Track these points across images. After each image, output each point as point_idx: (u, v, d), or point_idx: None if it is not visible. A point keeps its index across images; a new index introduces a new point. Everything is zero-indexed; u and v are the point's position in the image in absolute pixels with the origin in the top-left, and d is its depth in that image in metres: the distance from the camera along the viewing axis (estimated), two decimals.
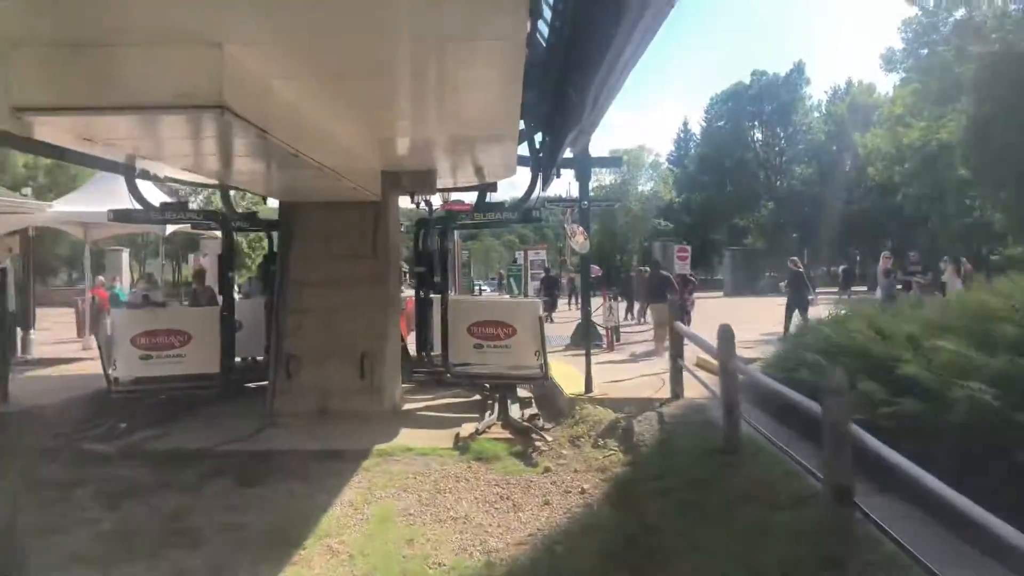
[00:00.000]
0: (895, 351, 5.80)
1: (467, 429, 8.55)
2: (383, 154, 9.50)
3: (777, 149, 57.00)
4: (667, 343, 15.49)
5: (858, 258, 58.94)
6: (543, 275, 25.73)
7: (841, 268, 39.46)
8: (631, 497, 6.03)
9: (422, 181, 10.27)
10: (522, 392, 11.03)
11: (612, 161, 15.56)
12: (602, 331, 14.81)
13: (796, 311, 14.99)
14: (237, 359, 11.03)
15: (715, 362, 10.81)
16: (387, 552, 5.33)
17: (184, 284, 17.33)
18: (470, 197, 13.15)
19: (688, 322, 15.92)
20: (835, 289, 41.58)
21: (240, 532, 5.81)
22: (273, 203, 11.10)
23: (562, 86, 9.72)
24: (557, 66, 8.99)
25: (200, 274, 11.76)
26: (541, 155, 11.80)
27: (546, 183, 13.31)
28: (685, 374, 8.78)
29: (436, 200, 16.87)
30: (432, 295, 11.74)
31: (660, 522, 5.30)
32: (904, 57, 34.69)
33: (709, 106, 59.66)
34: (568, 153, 14.29)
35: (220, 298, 9.99)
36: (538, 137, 11.84)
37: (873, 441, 3.94)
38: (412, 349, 12.20)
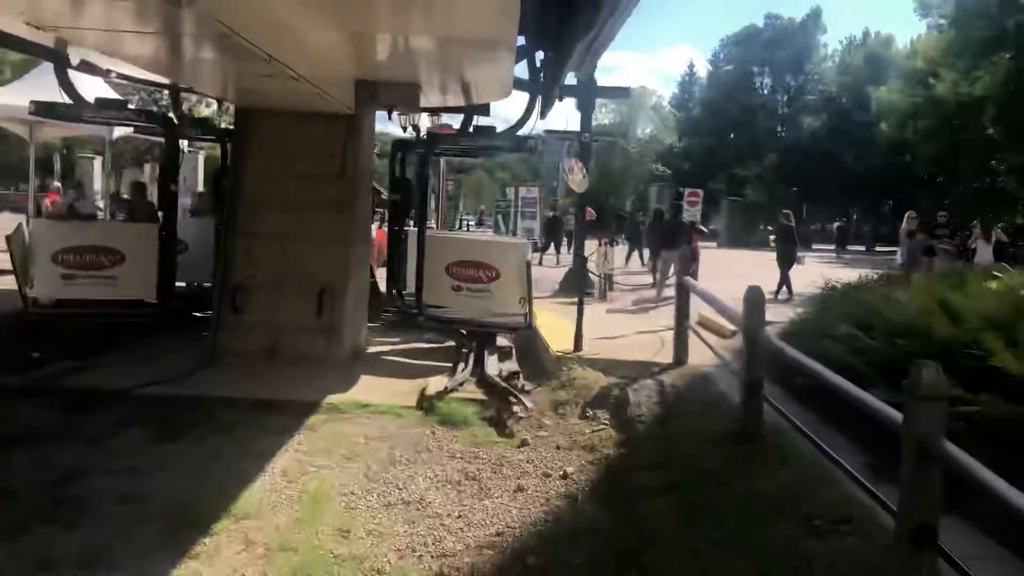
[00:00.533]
0: (966, 334, 4.71)
1: (435, 384, 7.45)
2: (358, 58, 8.12)
3: (786, 98, 55.11)
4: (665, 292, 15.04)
5: (855, 217, 57.89)
6: (549, 215, 24.38)
7: (835, 226, 38.43)
8: (624, 490, 4.96)
9: (404, 96, 8.91)
10: (502, 341, 9.99)
11: (619, 91, 14.03)
12: (594, 278, 13.67)
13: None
14: (181, 285, 9.85)
15: (721, 322, 9.79)
16: (314, 547, 4.25)
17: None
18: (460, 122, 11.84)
19: (695, 275, 14.94)
20: (831, 247, 40.83)
21: (139, 505, 4.70)
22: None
23: None
24: None
25: (139, 186, 10.43)
26: (542, 76, 10.43)
27: (545, 109, 11.92)
28: (690, 337, 7.70)
29: (426, 124, 15.50)
30: (409, 228, 10.55)
31: (662, 531, 4.24)
32: (942, 2, 32.35)
33: (718, 49, 57.43)
34: (571, 80, 12.95)
35: (161, 215, 8.73)
36: (539, 56, 10.45)
37: (979, 468, 2.83)
38: (384, 286, 11.07)
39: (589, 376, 7.33)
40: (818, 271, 14.95)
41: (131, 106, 8.76)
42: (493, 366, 8.28)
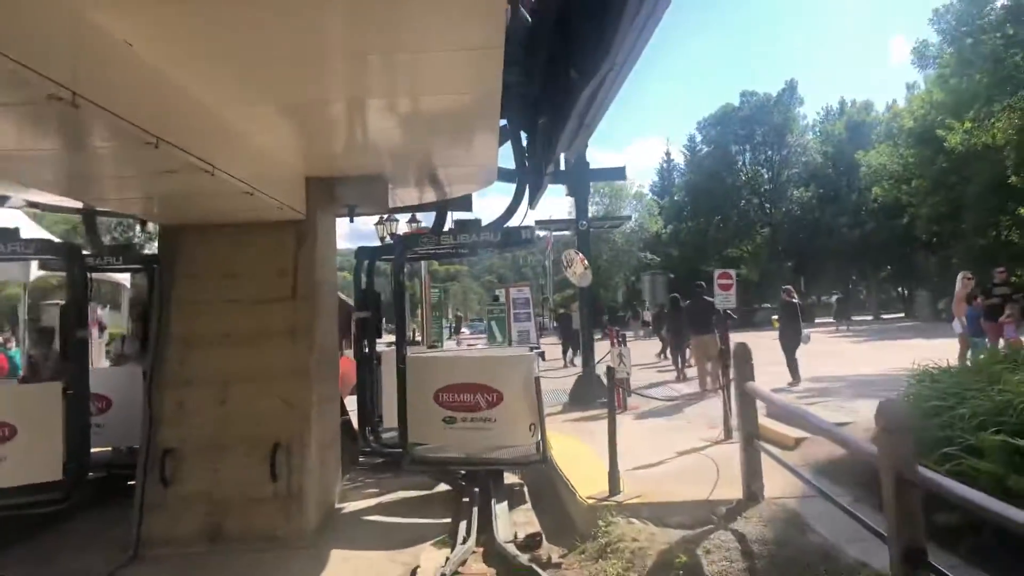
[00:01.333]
0: None
1: (429, 562, 5.62)
2: (308, 151, 6.71)
3: (770, 173, 55.00)
4: (711, 383, 12.73)
5: (850, 286, 56.83)
6: (561, 312, 23.33)
7: (834, 298, 37.13)
8: None
9: (367, 193, 7.45)
10: (509, 477, 8.25)
11: (614, 172, 12.79)
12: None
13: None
14: (106, 450, 8.07)
15: (779, 430, 8.03)
16: None
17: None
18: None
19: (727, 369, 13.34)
20: (830, 320, 39.18)
21: None
22: None
23: (554, 64, 7.13)
24: (547, 35, 6.47)
25: (43, 333, 8.72)
26: (527, 160, 9.06)
27: (534, 198, 10.55)
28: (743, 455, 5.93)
29: (403, 229, 14.13)
30: (383, 348, 8.90)
31: None
32: (939, 50, 31.86)
33: (697, 130, 57.72)
34: (559, 166, 11.62)
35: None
36: (523, 137, 9.12)
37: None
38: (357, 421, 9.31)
39: (638, 533, 5.48)
40: (831, 348, 13.52)
41: (25, 235, 7.14)
42: (505, 524, 6.44)
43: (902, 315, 46.29)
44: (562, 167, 12.04)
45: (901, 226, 41.24)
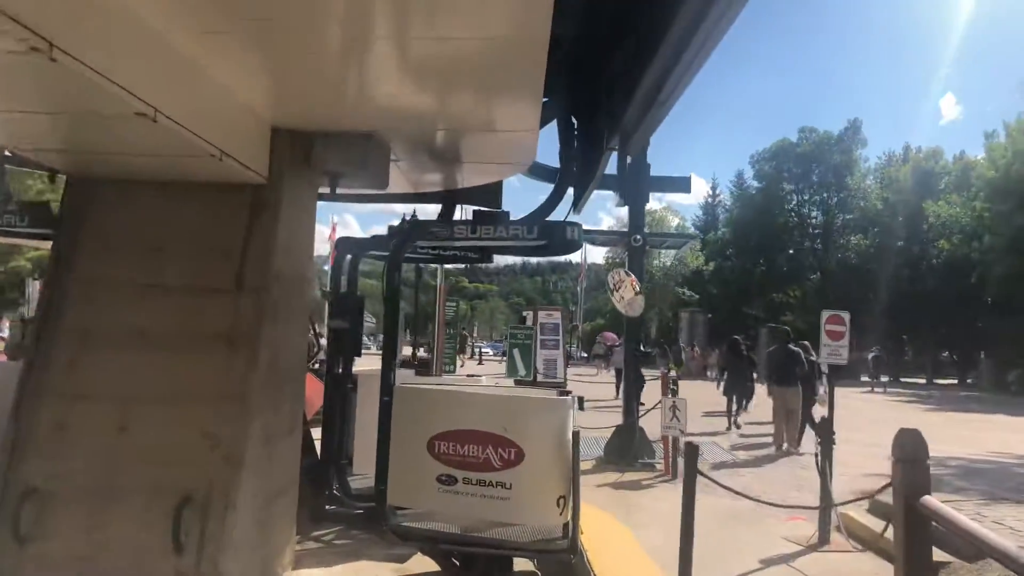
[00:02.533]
0: None
1: None
2: (278, 92, 4.82)
3: (824, 217, 52.39)
4: (787, 443, 11.27)
5: (904, 346, 53.70)
6: (614, 344, 20.75)
7: (871, 355, 34.40)
8: None
9: (358, 158, 5.47)
10: (520, 563, 6.26)
11: (679, 182, 10.60)
12: (657, 443, 9.87)
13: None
14: None
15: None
16: None
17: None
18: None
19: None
20: (866, 379, 36.11)
21: None
22: None
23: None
24: None
25: None
26: (576, 142, 7.05)
27: (580, 199, 8.50)
28: None
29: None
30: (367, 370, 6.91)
31: None
32: None
33: (749, 164, 55.42)
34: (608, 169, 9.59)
35: None
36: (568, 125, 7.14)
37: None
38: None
39: None
40: (895, 416, 11.64)
41: None
42: None
43: (955, 382, 43.23)
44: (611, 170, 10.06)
45: (968, 286, 38.53)
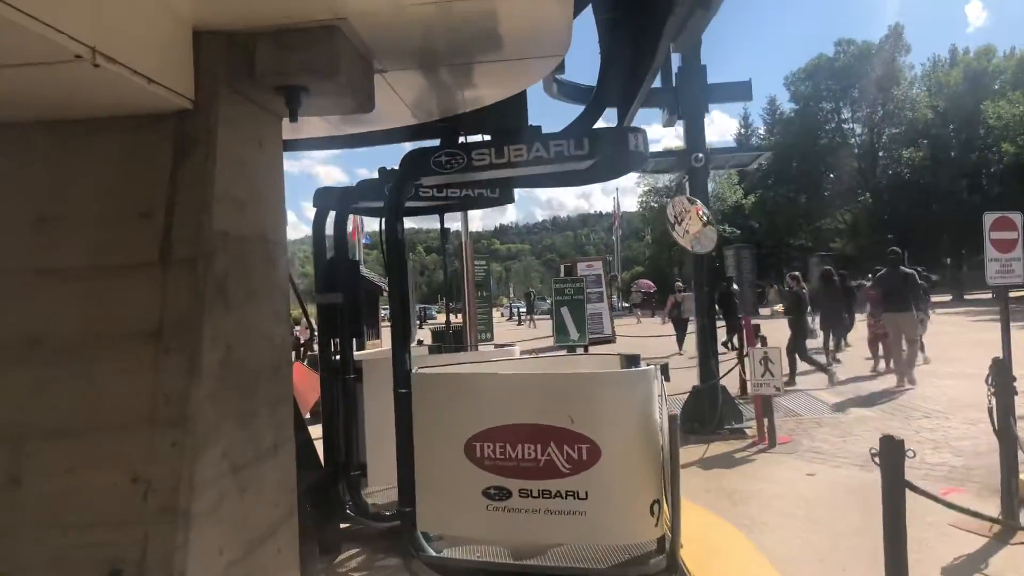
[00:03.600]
0: None
1: None
2: None
3: (870, 134, 49.49)
4: (906, 375, 10.30)
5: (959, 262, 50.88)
6: (724, 286, 17.22)
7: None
8: None
9: (318, 58, 3.87)
10: None
11: (738, 89, 8.69)
12: (744, 403, 8.32)
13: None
14: None
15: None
16: None
17: None
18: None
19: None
20: (946, 298, 33.69)
21: None
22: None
23: None
24: None
25: None
26: (615, 44, 5.33)
27: (625, 115, 6.72)
28: None
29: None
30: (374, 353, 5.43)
31: None
32: None
33: (784, 86, 52.50)
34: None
35: None
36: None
37: None
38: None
39: None
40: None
41: None
42: None
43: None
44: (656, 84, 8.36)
45: None
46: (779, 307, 21.42)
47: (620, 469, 4.13)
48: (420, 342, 6.14)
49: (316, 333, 5.34)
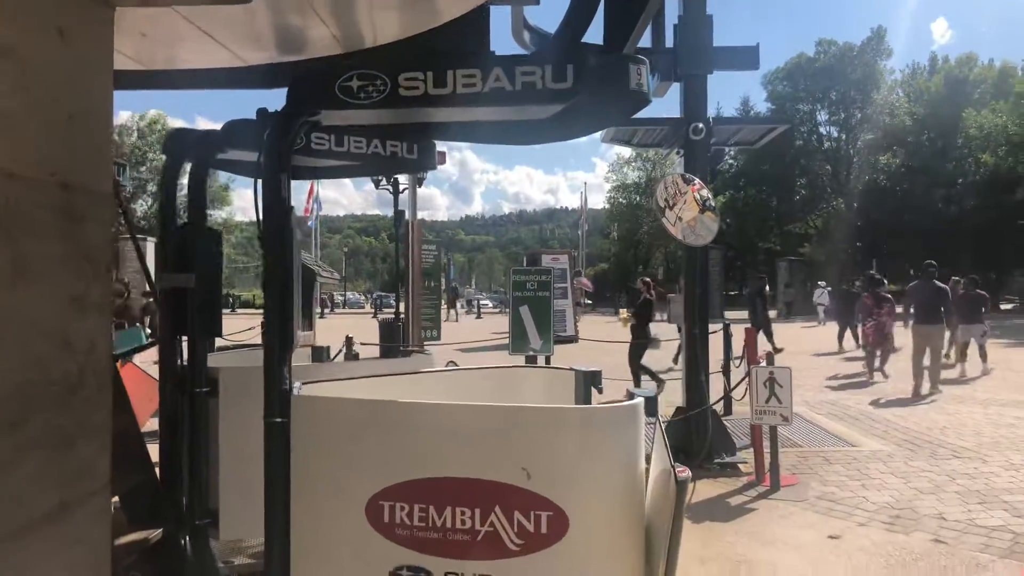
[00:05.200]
0: None
1: None
2: None
3: (844, 139, 48.93)
4: (927, 385, 10.46)
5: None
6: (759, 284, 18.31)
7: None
8: None
9: None
10: None
11: (746, 56, 7.40)
12: (741, 438, 7.06)
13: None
14: None
15: None
16: None
17: None
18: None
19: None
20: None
21: None
22: None
23: None
24: None
25: None
26: None
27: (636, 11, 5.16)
28: None
29: None
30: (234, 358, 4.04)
31: None
32: None
33: (763, 86, 51.70)
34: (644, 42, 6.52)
35: None
36: None
37: None
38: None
39: None
40: None
41: None
42: None
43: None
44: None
45: (1012, 203, 35.50)
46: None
47: (595, 546, 2.84)
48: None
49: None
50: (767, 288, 18.18)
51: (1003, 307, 33.98)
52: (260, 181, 3.00)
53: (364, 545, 2.83)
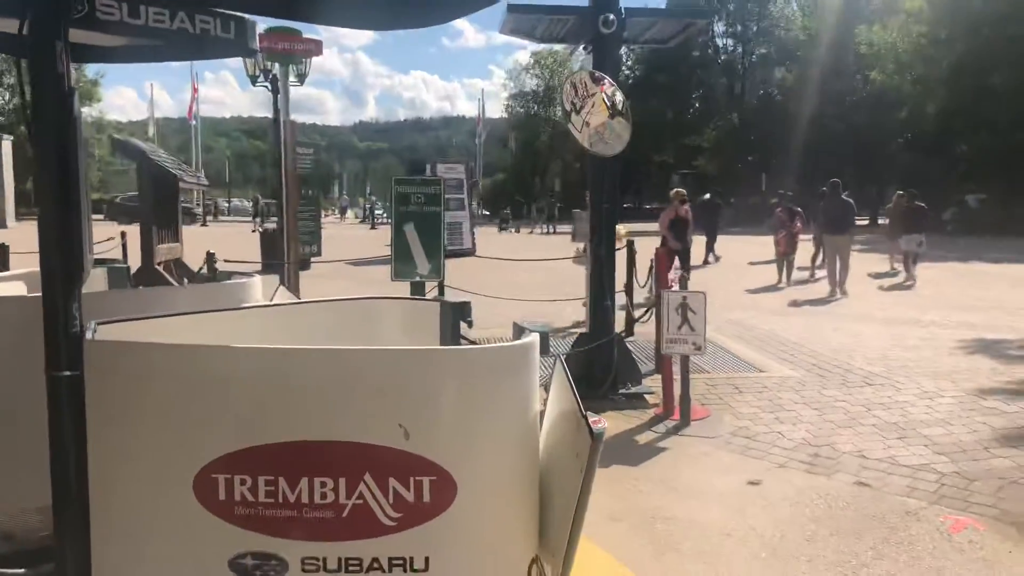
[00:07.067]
0: None
1: None
2: None
3: (740, 52, 49.11)
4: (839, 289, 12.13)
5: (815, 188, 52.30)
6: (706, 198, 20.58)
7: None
8: None
9: None
10: None
11: None
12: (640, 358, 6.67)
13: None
14: None
15: None
16: None
17: None
18: None
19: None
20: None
21: None
22: None
23: None
24: None
25: None
26: None
27: None
28: None
29: None
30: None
31: None
32: None
33: None
34: None
35: None
36: None
37: None
38: None
39: None
40: None
41: None
42: None
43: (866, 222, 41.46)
44: None
45: (895, 121, 36.59)
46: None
47: (488, 514, 2.33)
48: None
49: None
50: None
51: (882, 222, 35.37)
52: (28, 54, 2.21)
53: (193, 529, 2.20)
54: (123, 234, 9.52)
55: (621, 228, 9.40)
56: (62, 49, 2.22)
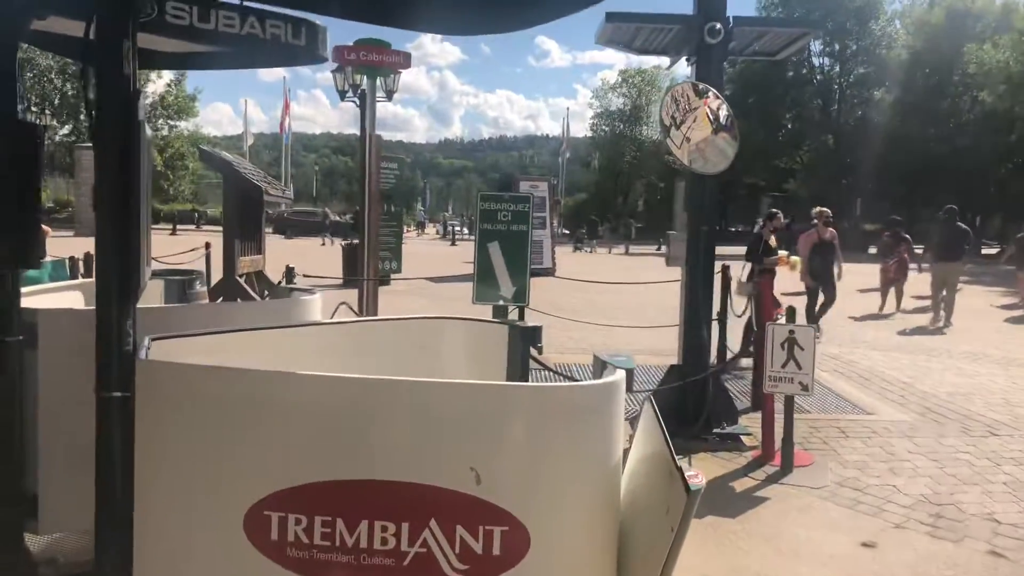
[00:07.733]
0: None
1: None
2: None
3: (838, 71, 47.54)
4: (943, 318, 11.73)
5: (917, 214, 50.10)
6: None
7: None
8: None
9: None
10: None
11: None
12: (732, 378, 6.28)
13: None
14: None
15: None
16: None
17: None
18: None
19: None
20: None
21: None
22: None
23: None
24: None
25: None
26: None
27: None
28: None
29: None
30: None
31: None
32: None
33: (758, 10, 49.84)
34: None
35: None
36: None
37: None
38: None
39: None
40: None
41: None
42: None
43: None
44: None
45: (1005, 144, 34.69)
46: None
47: (561, 571, 2.10)
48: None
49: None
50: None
51: (984, 252, 33.49)
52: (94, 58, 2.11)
53: (241, 571, 2.04)
54: (207, 244, 9.69)
55: (795, 259, 8.86)
56: (129, 49, 2.10)
